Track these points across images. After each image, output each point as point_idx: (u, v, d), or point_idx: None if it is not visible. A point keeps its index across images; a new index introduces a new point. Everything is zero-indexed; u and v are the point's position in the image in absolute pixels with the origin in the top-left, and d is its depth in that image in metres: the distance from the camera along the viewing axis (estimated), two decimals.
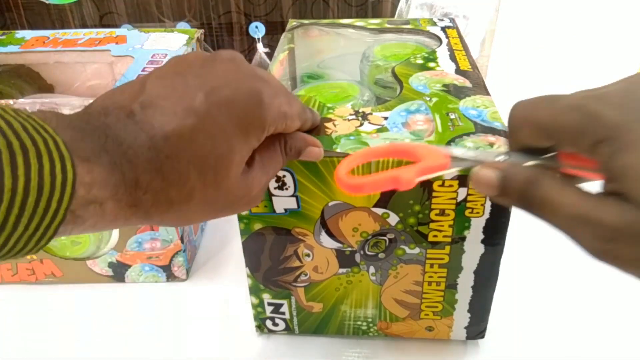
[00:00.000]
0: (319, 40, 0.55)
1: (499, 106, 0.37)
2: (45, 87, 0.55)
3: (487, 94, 0.38)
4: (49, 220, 0.19)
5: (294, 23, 0.55)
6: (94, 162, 0.21)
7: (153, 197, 0.23)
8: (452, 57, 0.45)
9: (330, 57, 0.54)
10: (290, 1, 0.88)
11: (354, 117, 0.36)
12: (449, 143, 0.33)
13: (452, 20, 0.55)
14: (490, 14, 0.72)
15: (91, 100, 0.24)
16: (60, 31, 0.55)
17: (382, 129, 0.34)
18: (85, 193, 0.20)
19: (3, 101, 0.41)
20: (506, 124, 0.26)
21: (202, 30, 0.55)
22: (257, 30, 0.89)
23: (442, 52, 0.46)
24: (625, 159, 0.20)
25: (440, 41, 0.49)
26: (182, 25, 0.88)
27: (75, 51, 0.52)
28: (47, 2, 0.86)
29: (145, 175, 0.22)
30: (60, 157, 0.19)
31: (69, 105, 0.40)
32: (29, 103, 0.41)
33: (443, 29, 0.52)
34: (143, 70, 0.46)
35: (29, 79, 0.54)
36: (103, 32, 0.55)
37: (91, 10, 0.89)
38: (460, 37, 0.50)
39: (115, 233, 0.46)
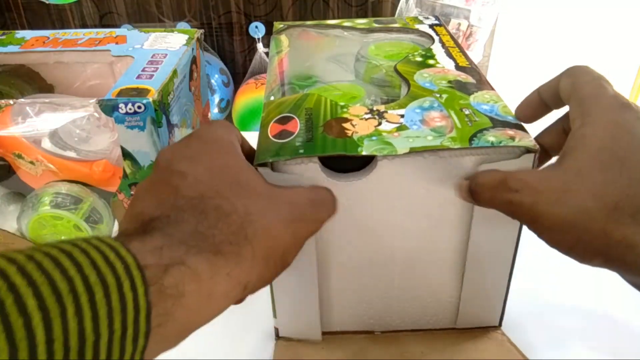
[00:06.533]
0: (307, 42, 0.54)
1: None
2: (45, 87, 0.55)
3: (492, 88, 0.38)
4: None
5: (280, 26, 0.54)
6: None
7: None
8: (449, 54, 0.44)
9: (319, 59, 0.53)
10: (290, 1, 0.88)
11: (370, 115, 0.35)
12: (471, 139, 0.32)
13: (437, 17, 0.55)
14: (490, 14, 0.72)
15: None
16: (60, 31, 0.55)
17: (401, 127, 0.34)
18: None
19: (3, 101, 0.41)
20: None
21: (202, 30, 0.55)
22: (257, 30, 0.89)
23: (438, 49, 0.46)
24: None
25: (432, 39, 0.48)
26: (182, 25, 0.88)
27: (75, 51, 0.52)
28: (47, 2, 0.86)
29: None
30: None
31: (68, 105, 0.40)
32: (29, 103, 0.41)
33: (431, 26, 0.51)
34: (143, 70, 0.45)
35: (29, 79, 0.54)
36: (103, 32, 0.55)
37: (91, 10, 0.89)
38: (450, 34, 0.50)
39: None
